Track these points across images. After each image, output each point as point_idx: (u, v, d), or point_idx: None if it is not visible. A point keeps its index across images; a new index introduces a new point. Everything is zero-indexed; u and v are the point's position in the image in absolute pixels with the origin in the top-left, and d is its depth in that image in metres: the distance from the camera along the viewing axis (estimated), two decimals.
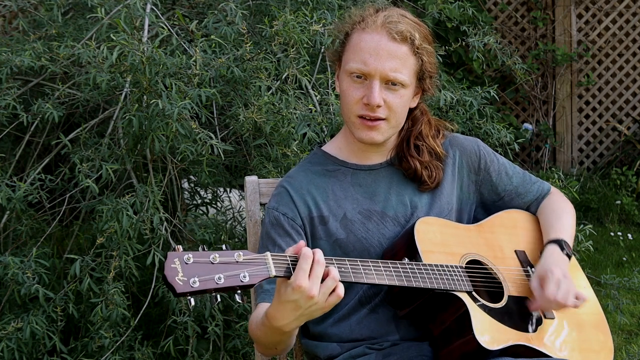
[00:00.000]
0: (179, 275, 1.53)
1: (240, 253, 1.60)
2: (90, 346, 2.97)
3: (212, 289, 1.55)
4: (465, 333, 1.85)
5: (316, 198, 2.05)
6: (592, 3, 6.85)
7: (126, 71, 2.86)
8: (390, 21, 1.97)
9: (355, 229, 2.02)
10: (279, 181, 2.13)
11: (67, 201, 3.28)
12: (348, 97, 1.99)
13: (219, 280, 1.55)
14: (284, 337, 1.82)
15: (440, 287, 1.86)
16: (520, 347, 1.90)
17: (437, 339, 1.93)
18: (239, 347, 3.15)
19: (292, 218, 2.02)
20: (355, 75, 1.97)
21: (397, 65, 1.96)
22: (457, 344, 1.88)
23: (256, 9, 3.50)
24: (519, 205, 2.22)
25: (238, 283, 1.57)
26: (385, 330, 2.00)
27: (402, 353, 1.95)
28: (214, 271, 1.56)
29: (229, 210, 3.78)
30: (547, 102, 6.89)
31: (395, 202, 2.06)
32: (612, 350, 2.11)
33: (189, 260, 1.55)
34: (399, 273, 1.83)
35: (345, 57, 2.01)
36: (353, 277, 1.75)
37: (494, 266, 2.04)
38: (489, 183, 2.18)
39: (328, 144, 2.18)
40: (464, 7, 3.96)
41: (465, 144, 2.17)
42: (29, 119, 3.08)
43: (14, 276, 2.84)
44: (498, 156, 2.22)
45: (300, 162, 2.18)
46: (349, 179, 2.08)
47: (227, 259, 1.58)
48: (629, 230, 5.98)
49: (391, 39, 1.96)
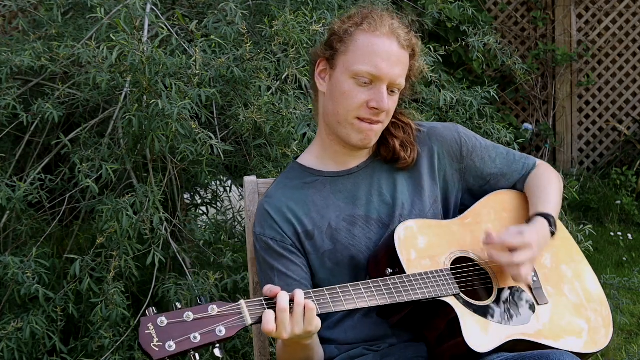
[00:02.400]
0: (154, 341, 1.54)
1: (214, 306, 1.61)
2: (90, 346, 2.97)
3: (189, 349, 1.56)
4: (455, 336, 1.84)
5: (297, 214, 2.02)
6: (592, 3, 6.86)
7: (126, 71, 2.86)
8: (397, 27, 1.98)
9: (341, 237, 2.00)
10: (260, 201, 2.10)
11: (67, 201, 3.27)
12: (351, 99, 1.96)
13: (194, 339, 1.56)
14: (306, 351, 1.87)
15: (426, 296, 1.85)
16: (516, 341, 1.89)
17: (431, 342, 1.92)
18: (239, 347, 3.16)
19: (281, 240, 2.00)
20: (362, 78, 1.95)
21: (402, 71, 1.98)
22: (449, 347, 1.87)
23: (256, 9, 3.50)
24: (506, 186, 2.19)
25: (215, 338, 1.58)
26: (381, 333, 2.00)
27: (399, 354, 1.95)
28: (189, 330, 1.57)
29: (229, 210, 3.78)
30: (547, 102, 6.89)
31: (377, 203, 2.04)
32: (611, 325, 2.07)
33: (163, 323, 1.56)
34: (381, 291, 1.82)
35: (348, 57, 1.97)
36: (333, 306, 1.75)
37: (481, 260, 2.01)
38: (473, 169, 2.14)
39: (303, 155, 2.14)
40: (464, 7, 3.96)
41: (445, 133, 2.14)
42: (29, 119, 3.08)
43: (14, 276, 2.84)
44: (480, 139, 2.18)
45: (277, 179, 2.14)
46: (329, 187, 2.05)
47: (202, 314, 1.59)
48: (629, 230, 5.98)
49: (400, 46, 1.97)
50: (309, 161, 2.11)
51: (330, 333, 2.02)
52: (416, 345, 1.97)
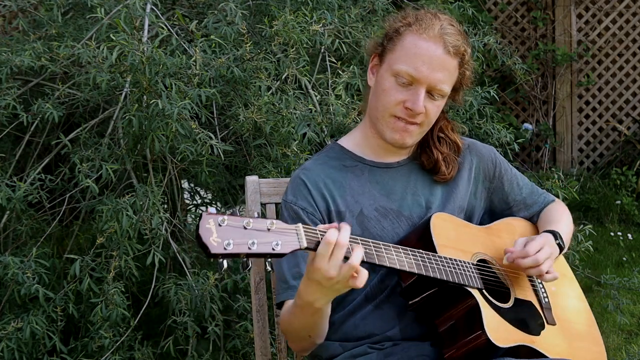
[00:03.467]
0: (213, 235, 1.52)
1: (274, 221, 1.60)
2: (90, 346, 2.96)
3: (244, 253, 1.55)
4: (474, 329, 1.86)
5: (333, 192, 2.04)
6: (592, 3, 6.85)
7: (126, 71, 2.86)
8: (446, 32, 1.96)
9: (370, 226, 2.03)
10: (295, 172, 2.11)
11: (67, 201, 3.27)
12: (389, 96, 1.98)
13: (252, 245, 1.55)
14: (315, 317, 1.85)
15: (454, 280, 1.88)
16: (523, 349, 1.91)
17: (442, 335, 1.93)
18: (239, 347, 3.15)
19: (312, 213, 2.01)
20: (402, 78, 1.96)
21: (445, 77, 1.98)
22: (464, 341, 1.88)
23: (256, 9, 3.50)
24: (525, 216, 2.26)
25: (270, 251, 1.58)
26: (388, 326, 2.01)
27: (402, 353, 1.96)
28: (247, 236, 1.55)
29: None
30: (547, 102, 6.89)
31: (410, 201, 2.07)
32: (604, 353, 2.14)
33: (223, 223, 1.54)
34: (417, 261, 1.84)
35: (394, 55, 1.99)
36: (377, 259, 1.76)
37: (500, 268, 2.06)
38: (500, 192, 2.21)
39: (344, 138, 2.17)
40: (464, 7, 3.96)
41: (483, 151, 2.21)
42: (29, 119, 3.08)
43: (14, 276, 2.84)
44: (511, 166, 2.26)
45: (316, 155, 2.16)
46: (367, 175, 2.08)
47: (260, 225, 1.58)
48: (629, 230, 5.98)
49: (446, 51, 1.96)
50: (350, 145, 2.13)
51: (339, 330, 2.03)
52: (420, 345, 1.97)
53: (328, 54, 3.30)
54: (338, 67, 3.27)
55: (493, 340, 1.84)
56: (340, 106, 3.02)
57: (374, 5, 3.62)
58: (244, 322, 3.05)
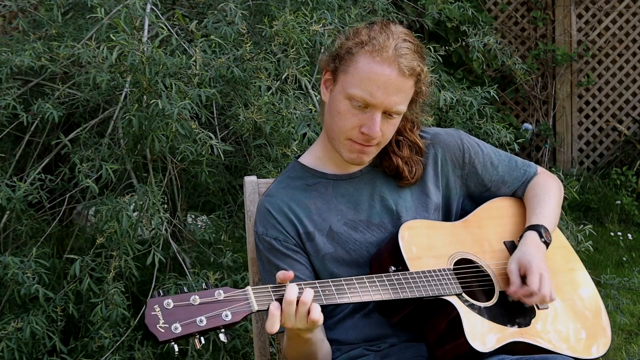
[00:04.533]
0: (160, 322, 1.53)
1: (221, 291, 1.60)
2: (90, 346, 2.97)
3: (195, 332, 1.55)
4: (457, 336, 1.84)
5: (299, 214, 2.01)
6: (592, 3, 6.85)
7: (126, 71, 2.86)
8: (401, 53, 1.89)
9: (342, 241, 2.00)
10: (260, 200, 2.08)
11: (67, 201, 3.28)
12: (344, 121, 1.94)
13: (200, 322, 1.56)
14: (308, 344, 1.87)
15: (429, 294, 1.85)
16: (516, 344, 1.89)
17: (432, 342, 1.92)
18: (239, 347, 3.15)
19: (284, 240, 1.99)
20: (356, 102, 1.91)
21: (401, 99, 1.93)
22: (450, 347, 1.87)
23: (256, 9, 3.50)
24: (506, 193, 2.18)
25: (221, 323, 1.58)
26: (381, 333, 2.00)
27: (399, 354, 1.95)
28: (195, 313, 1.56)
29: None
30: (547, 102, 6.89)
31: (379, 208, 2.04)
32: (610, 336, 2.08)
33: (169, 306, 1.56)
34: (385, 286, 1.82)
35: (347, 78, 1.92)
36: (338, 298, 1.76)
37: (483, 262, 2.02)
38: (474, 176, 2.14)
39: (305, 155, 2.13)
40: (464, 7, 3.97)
41: (448, 140, 2.12)
42: (29, 119, 3.08)
43: (14, 276, 2.84)
44: (482, 145, 2.17)
45: (279, 177, 2.12)
46: (330, 190, 2.04)
47: (208, 298, 1.59)
48: (629, 230, 5.98)
49: (401, 74, 1.90)
50: (311, 161, 2.10)
51: (330, 333, 2.02)
52: (416, 346, 1.97)
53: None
54: None
55: (475, 346, 1.82)
56: None
57: (374, 5, 3.62)
58: (243, 322, 3.05)
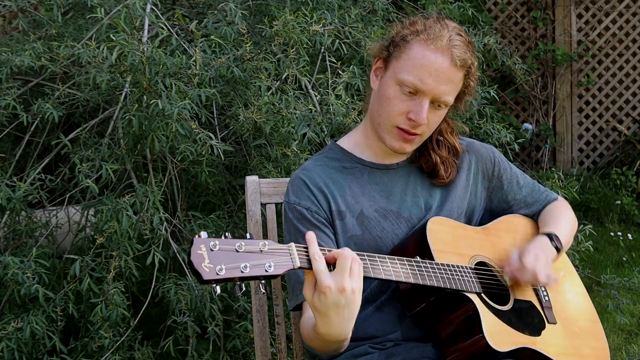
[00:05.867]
0: (205, 261, 1.52)
1: (265, 242, 1.60)
2: (90, 346, 2.96)
3: (237, 277, 1.54)
4: (474, 334, 1.86)
5: (334, 192, 2.04)
6: (592, 3, 6.85)
7: (126, 71, 2.86)
8: (454, 44, 1.94)
9: (371, 227, 2.03)
10: (294, 173, 2.10)
11: (67, 201, 3.27)
12: (393, 106, 1.97)
13: (244, 269, 1.55)
14: (344, 342, 1.82)
15: (452, 287, 1.87)
16: (525, 350, 1.91)
17: (444, 339, 1.93)
18: (239, 347, 3.15)
19: (316, 212, 2.01)
20: (406, 87, 1.94)
21: (450, 89, 1.96)
22: (464, 345, 1.88)
23: (256, 9, 3.50)
24: (526, 214, 2.26)
25: (263, 273, 1.57)
26: (389, 329, 2.01)
27: (405, 353, 1.96)
28: (239, 259, 1.55)
29: None
30: (547, 102, 6.89)
31: (410, 203, 2.07)
32: (609, 357, 2.14)
33: (215, 247, 1.54)
34: (414, 270, 1.84)
35: (400, 64, 1.96)
36: (372, 272, 1.76)
37: (499, 270, 2.05)
38: (499, 191, 2.21)
39: (344, 139, 2.17)
40: (464, 7, 3.97)
41: (482, 150, 2.20)
42: (29, 119, 3.08)
43: (14, 276, 2.84)
44: (511, 165, 2.25)
45: (315, 156, 2.15)
46: (366, 176, 2.08)
47: (252, 247, 1.58)
48: (629, 230, 5.98)
49: (453, 64, 1.94)
50: (350, 146, 2.13)
51: None
52: (422, 346, 1.97)
53: (328, 54, 3.30)
54: (338, 67, 3.27)
55: (492, 345, 1.84)
56: (340, 106, 3.02)
57: (374, 5, 3.62)
58: (244, 322, 3.05)
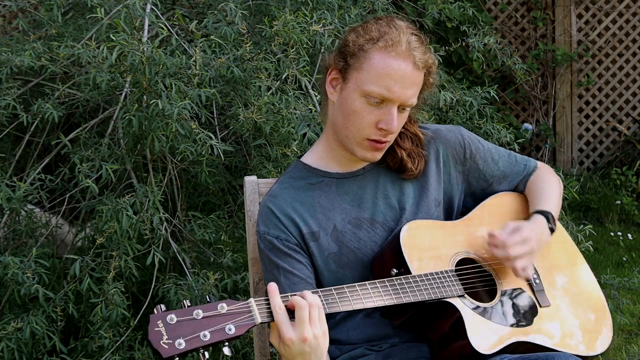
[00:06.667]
0: (164, 338, 1.54)
1: (224, 304, 1.60)
2: (90, 346, 2.97)
3: (199, 347, 1.55)
4: (460, 338, 1.85)
5: (303, 215, 2.01)
6: (592, 3, 6.85)
7: (126, 71, 2.86)
8: (414, 47, 1.92)
9: (347, 240, 2.00)
10: (263, 200, 2.08)
11: (67, 201, 3.28)
12: (361, 119, 1.94)
13: (204, 337, 1.56)
14: None
15: (432, 297, 1.85)
16: (519, 343, 1.90)
17: (435, 343, 1.93)
18: (239, 347, 3.15)
19: (286, 239, 1.99)
20: (373, 99, 1.92)
21: (415, 91, 1.95)
22: (453, 348, 1.88)
23: (256, 9, 3.50)
24: (507, 188, 2.20)
25: (224, 337, 1.58)
26: (382, 333, 2.00)
27: (401, 354, 1.95)
28: (198, 328, 1.56)
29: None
30: (547, 102, 6.89)
31: (383, 206, 2.04)
32: (611, 328, 2.08)
33: (172, 321, 1.56)
34: (388, 291, 1.82)
35: (362, 75, 1.92)
36: (341, 306, 1.75)
37: (485, 261, 2.02)
38: (476, 171, 2.15)
39: (307, 154, 2.13)
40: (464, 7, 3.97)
41: (449, 136, 2.14)
42: (29, 119, 3.08)
43: (14, 276, 2.84)
44: (482, 141, 2.19)
45: (281, 178, 2.12)
46: (334, 189, 2.05)
47: (211, 312, 1.59)
48: (629, 230, 5.98)
49: (416, 67, 1.92)
50: (314, 161, 2.10)
51: (331, 333, 2.01)
52: (418, 346, 1.97)
53: (328, 54, 3.30)
54: None
55: (478, 349, 1.83)
56: None
57: (374, 5, 3.62)
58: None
